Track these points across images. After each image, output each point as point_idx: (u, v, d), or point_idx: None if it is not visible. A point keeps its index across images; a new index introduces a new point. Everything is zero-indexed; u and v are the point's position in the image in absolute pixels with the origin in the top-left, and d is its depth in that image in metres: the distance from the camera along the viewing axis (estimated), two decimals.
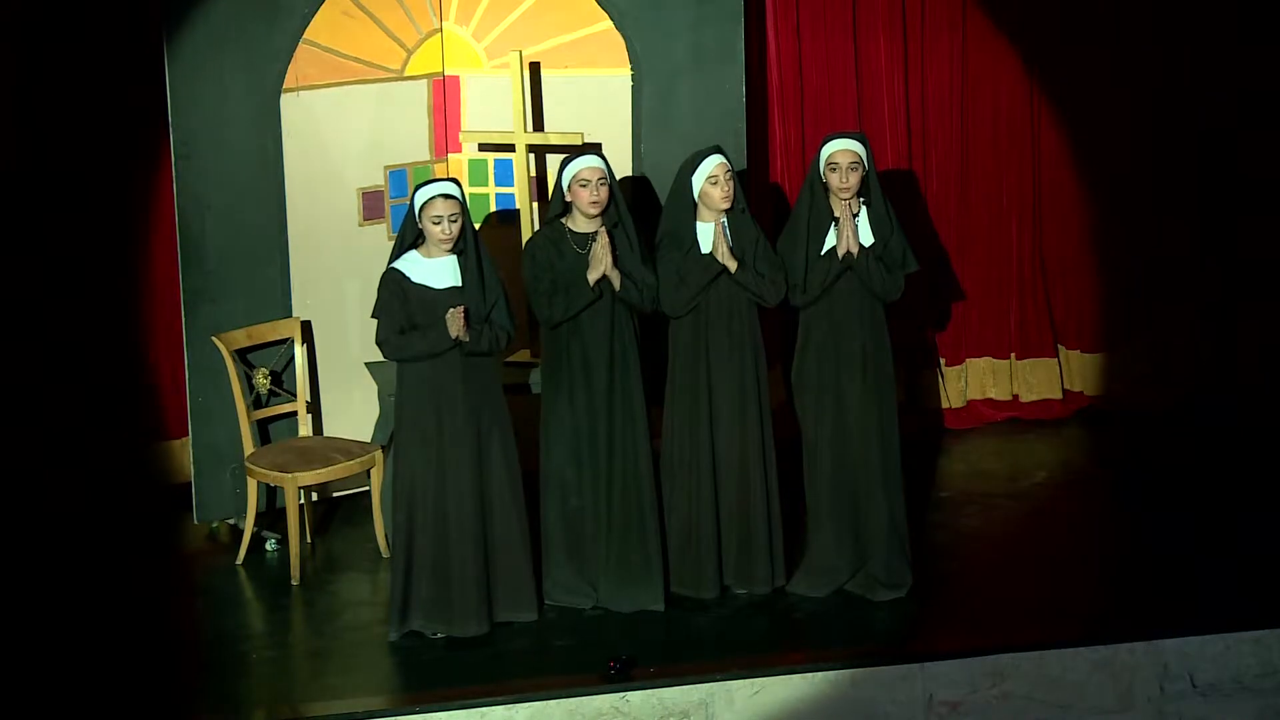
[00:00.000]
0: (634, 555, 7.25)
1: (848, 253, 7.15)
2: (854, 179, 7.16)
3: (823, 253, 7.22)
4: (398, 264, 6.99)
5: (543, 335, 7.26)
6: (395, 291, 6.95)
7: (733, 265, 7.16)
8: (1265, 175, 9.32)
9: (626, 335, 7.19)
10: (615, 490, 7.22)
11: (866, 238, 7.22)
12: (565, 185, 7.12)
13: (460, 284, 6.98)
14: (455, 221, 6.92)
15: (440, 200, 6.90)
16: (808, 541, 7.41)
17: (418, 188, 6.98)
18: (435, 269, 6.98)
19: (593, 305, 7.08)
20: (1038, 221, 9.37)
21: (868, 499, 7.30)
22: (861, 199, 7.23)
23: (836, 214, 7.20)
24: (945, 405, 9.38)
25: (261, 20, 7.85)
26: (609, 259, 7.04)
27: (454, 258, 7.00)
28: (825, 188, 7.24)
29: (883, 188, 7.32)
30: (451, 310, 6.89)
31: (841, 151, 7.17)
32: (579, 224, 7.16)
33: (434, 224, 6.90)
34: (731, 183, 7.16)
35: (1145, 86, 9.25)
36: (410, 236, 7.01)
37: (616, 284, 7.08)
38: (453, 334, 6.88)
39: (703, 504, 7.34)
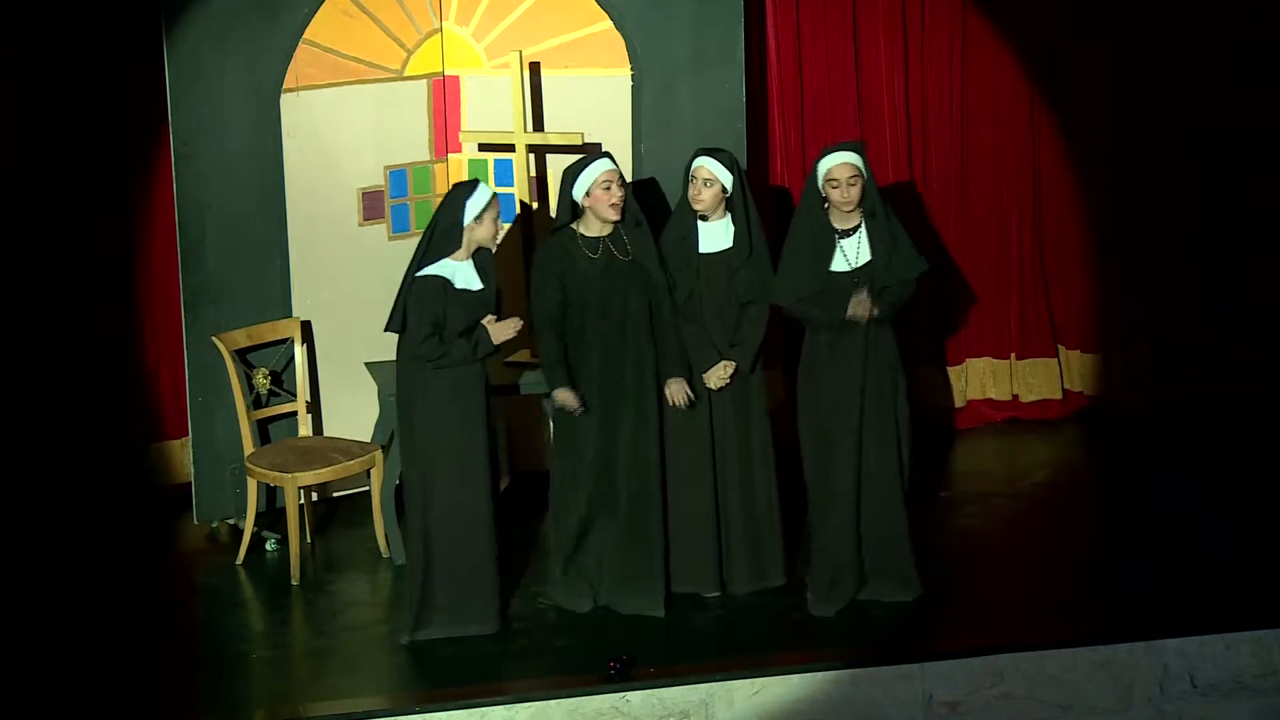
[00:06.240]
0: (638, 559, 7.25)
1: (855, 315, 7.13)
2: (855, 193, 7.10)
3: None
4: (438, 271, 6.96)
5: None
6: (440, 299, 6.93)
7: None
8: (1265, 174, 9.31)
9: (642, 337, 7.18)
10: (624, 493, 7.22)
11: (865, 255, 7.18)
12: (584, 191, 7.08)
13: (483, 285, 7.01)
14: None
15: (495, 200, 7.00)
16: (814, 558, 7.35)
17: (465, 194, 6.95)
18: (466, 272, 7.00)
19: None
20: (1038, 221, 9.37)
21: (880, 505, 7.26)
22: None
23: (839, 226, 7.15)
24: (945, 405, 9.38)
25: (261, 20, 7.85)
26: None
27: (471, 260, 7.01)
28: (824, 200, 7.20)
29: (882, 191, 7.29)
30: (513, 320, 6.96)
31: (840, 166, 7.08)
32: (591, 228, 7.15)
33: (492, 224, 6.98)
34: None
35: (1145, 85, 9.25)
36: (455, 245, 6.97)
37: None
38: (497, 341, 6.96)
39: (704, 503, 7.34)
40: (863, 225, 7.17)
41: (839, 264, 7.16)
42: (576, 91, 8.27)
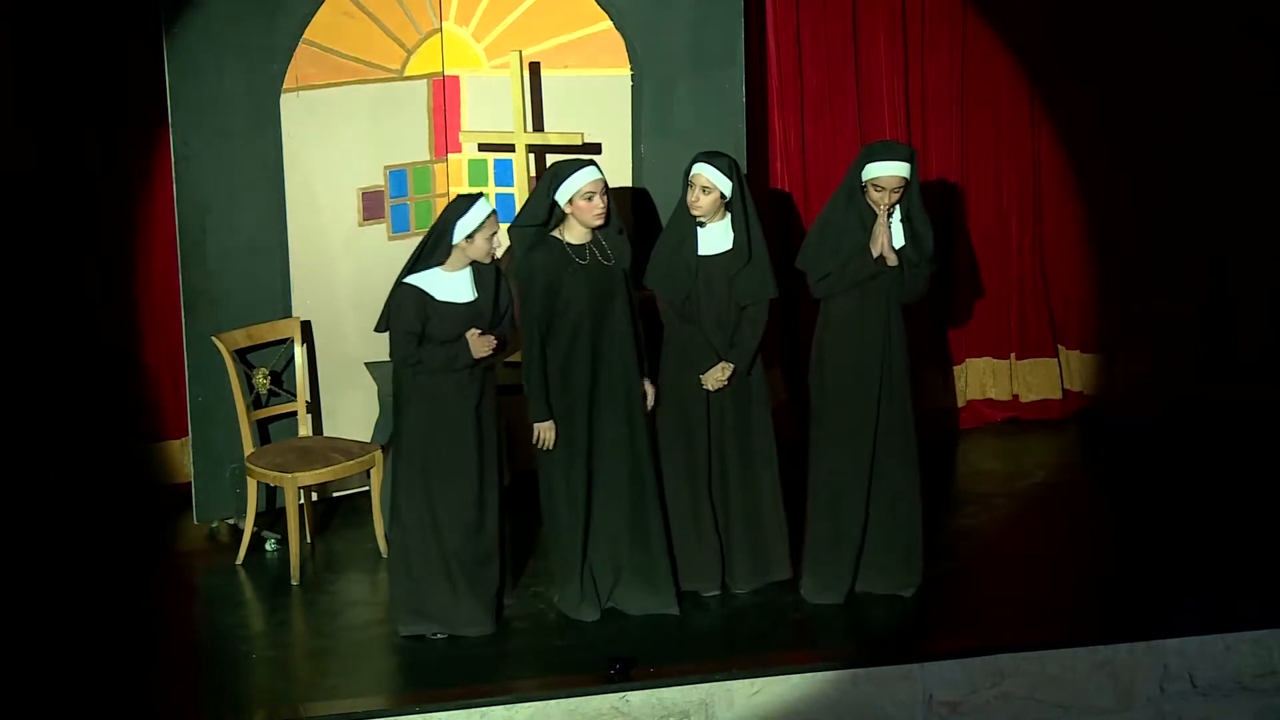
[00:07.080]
0: (645, 559, 7.24)
1: (882, 255, 7.10)
2: (894, 199, 7.11)
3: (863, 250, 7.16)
4: (418, 282, 6.95)
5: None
6: (418, 309, 6.93)
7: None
8: (1265, 175, 9.31)
9: (627, 339, 7.17)
10: (622, 494, 7.21)
11: (898, 240, 7.19)
12: (565, 199, 7.06)
13: (475, 297, 7.00)
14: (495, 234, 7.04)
15: (493, 218, 6.95)
16: (815, 544, 7.37)
17: (459, 212, 6.92)
18: (457, 283, 6.98)
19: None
20: (1038, 222, 9.37)
21: (884, 496, 7.26)
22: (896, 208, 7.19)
23: (875, 210, 7.16)
24: (945, 405, 9.38)
25: (261, 20, 7.85)
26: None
27: (470, 270, 7.00)
28: (863, 188, 7.16)
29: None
30: (486, 336, 6.95)
31: (889, 177, 7.06)
32: (575, 234, 7.12)
33: (486, 241, 6.93)
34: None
35: (1144, 85, 9.25)
36: (442, 257, 6.97)
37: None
38: (476, 355, 6.93)
39: (703, 502, 7.34)
40: (895, 217, 7.18)
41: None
42: (576, 91, 8.27)
